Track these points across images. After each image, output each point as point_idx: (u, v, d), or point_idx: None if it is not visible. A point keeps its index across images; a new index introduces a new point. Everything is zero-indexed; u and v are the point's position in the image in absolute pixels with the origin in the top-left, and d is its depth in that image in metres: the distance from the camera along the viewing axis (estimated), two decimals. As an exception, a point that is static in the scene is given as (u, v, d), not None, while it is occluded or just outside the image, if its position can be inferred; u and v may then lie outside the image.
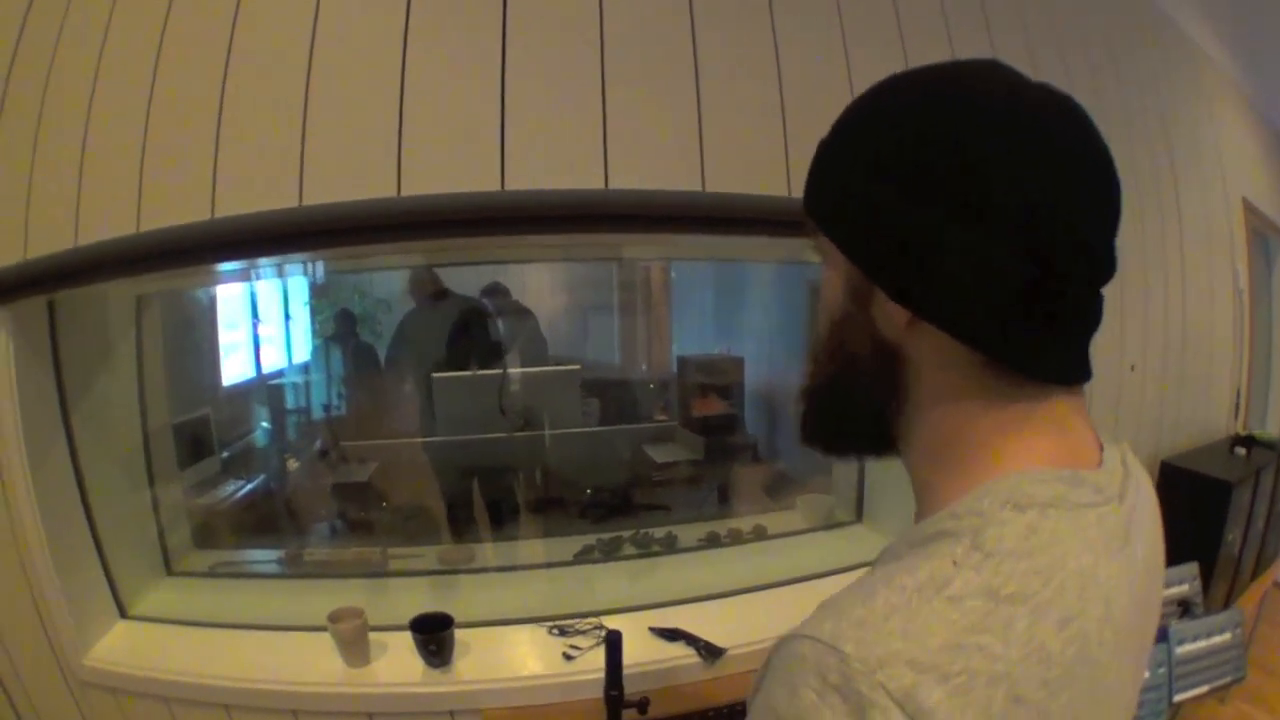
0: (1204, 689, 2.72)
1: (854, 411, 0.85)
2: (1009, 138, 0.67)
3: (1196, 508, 3.58)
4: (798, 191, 2.06)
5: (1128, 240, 3.23)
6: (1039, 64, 2.81)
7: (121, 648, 2.40)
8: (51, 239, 2.02)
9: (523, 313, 4.67)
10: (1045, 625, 0.62)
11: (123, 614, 2.55)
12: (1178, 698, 2.64)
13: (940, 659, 0.58)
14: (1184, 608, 2.91)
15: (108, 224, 1.97)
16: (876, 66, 2.23)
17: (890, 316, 0.74)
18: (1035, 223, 0.67)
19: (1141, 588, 0.76)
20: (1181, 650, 2.68)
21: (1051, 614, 0.63)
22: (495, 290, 4.78)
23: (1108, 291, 0.72)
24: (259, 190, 1.89)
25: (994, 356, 0.71)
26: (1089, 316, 0.73)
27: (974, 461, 0.73)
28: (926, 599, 0.62)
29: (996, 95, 0.70)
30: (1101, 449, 0.79)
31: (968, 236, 0.67)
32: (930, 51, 2.36)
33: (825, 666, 0.60)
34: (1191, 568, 2.97)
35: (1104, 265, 0.72)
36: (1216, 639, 2.76)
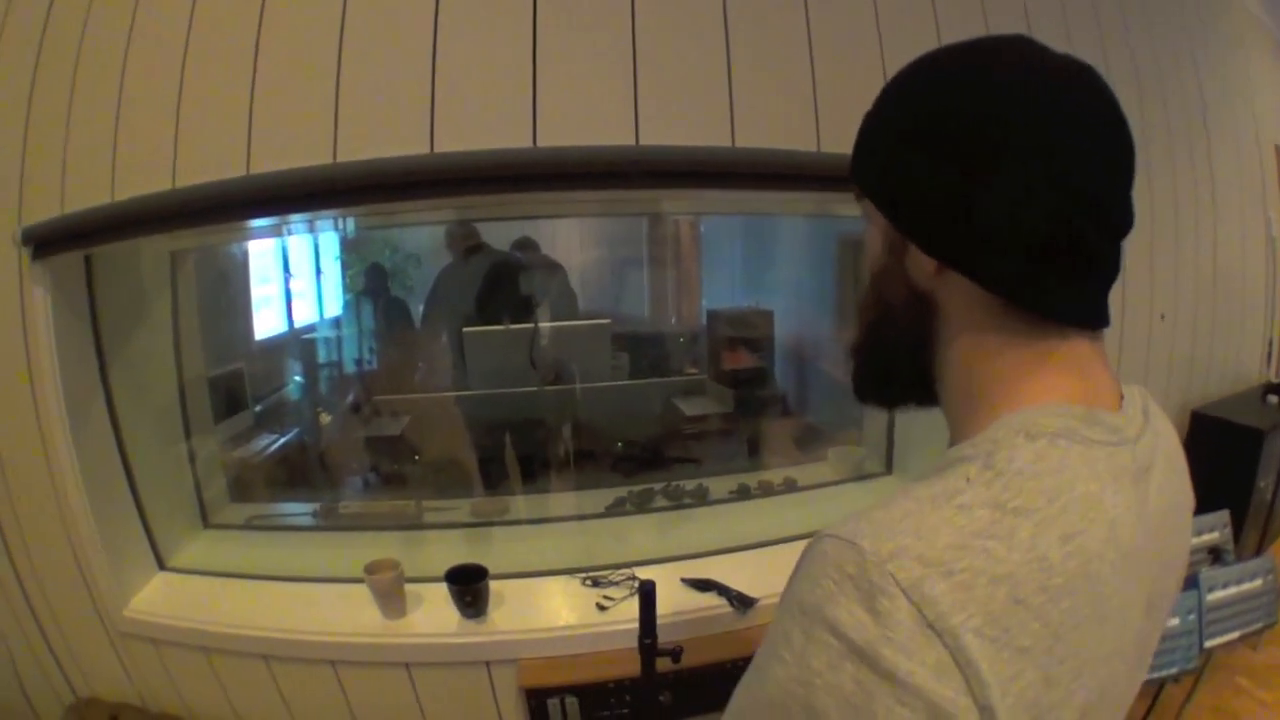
0: (1235, 635, 2.70)
1: (895, 358, 0.91)
2: (1027, 103, 0.74)
3: (1228, 455, 3.57)
4: (827, 147, 2.07)
5: (1158, 188, 3.21)
6: (1070, 12, 2.76)
7: (160, 599, 2.44)
8: (88, 194, 2.04)
9: (553, 267, 4.65)
10: (1048, 537, 0.67)
11: (161, 566, 2.59)
12: (1209, 643, 2.64)
13: (946, 556, 0.64)
14: (1215, 555, 2.89)
15: (144, 179, 1.98)
16: (906, 21, 2.22)
17: (921, 266, 0.81)
18: (1051, 179, 0.73)
19: (1157, 531, 0.80)
20: (1212, 597, 2.66)
21: (1055, 528, 0.67)
22: (525, 245, 4.75)
23: (1138, 241, 0.80)
24: (294, 147, 1.90)
25: (1013, 300, 0.77)
26: (1107, 266, 0.78)
27: (996, 399, 0.79)
28: (938, 506, 0.69)
29: (1016, 65, 0.77)
30: (1122, 396, 0.84)
31: (988, 193, 0.74)
32: (959, 3, 2.33)
33: (843, 559, 0.66)
34: (1222, 515, 2.95)
35: (1120, 218, 0.78)
36: (1247, 585, 2.74)
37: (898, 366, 0.92)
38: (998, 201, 0.74)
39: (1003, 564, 0.64)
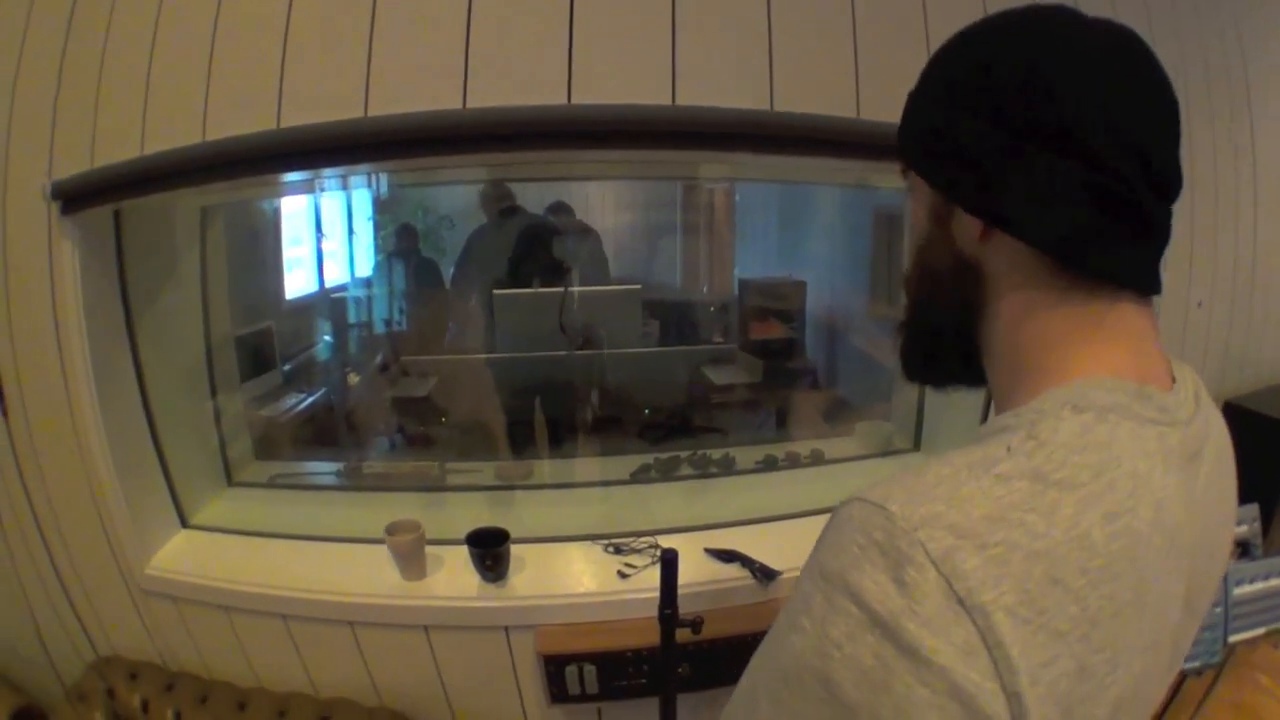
0: (1260, 630, 2.67)
1: (941, 332, 0.90)
2: (1074, 61, 0.73)
3: (1260, 449, 3.49)
4: (867, 113, 2.03)
5: (1199, 173, 3.15)
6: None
7: (182, 556, 2.45)
8: (118, 148, 2.03)
9: (586, 231, 4.63)
10: (1091, 515, 0.64)
11: (184, 523, 2.60)
12: (1233, 638, 2.61)
13: (981, 528, 0.61)
14: (1243, 548, 2.86)
15: (174, 133, 1.97)
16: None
17: (967, 230, 0.80)
18: (1102, 135, 0.71)
19: (1203, 521, 0.77)
20: (1238, 591, 2.63)
21: (1099, 505, 0.65)
22: (560, 209, 4.73)
23: (1177, 226, 0.76)
24: (324, 100, 1.88)
25: (1064, 260, 0.75)
26: (1158, 228, 0.76)
27: (1046, 368, 0.77)
28: (975, 475, 0.65)
29: (1061, 27, 0.76)
30: (1174, 377, 0.82)
31: (1037, 151, 0.73)
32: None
33: (871, 524, 0.64)
34: (1252, 509, 2.91)
35: (1169, 178, 0.76)
36: (1275, 581, 2.70)
37: (945, 341, 0.91)
38: (1047, 158, 0.73)
39: (1041, 540, 0.61)
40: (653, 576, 2.09)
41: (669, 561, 1.80)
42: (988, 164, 0.76)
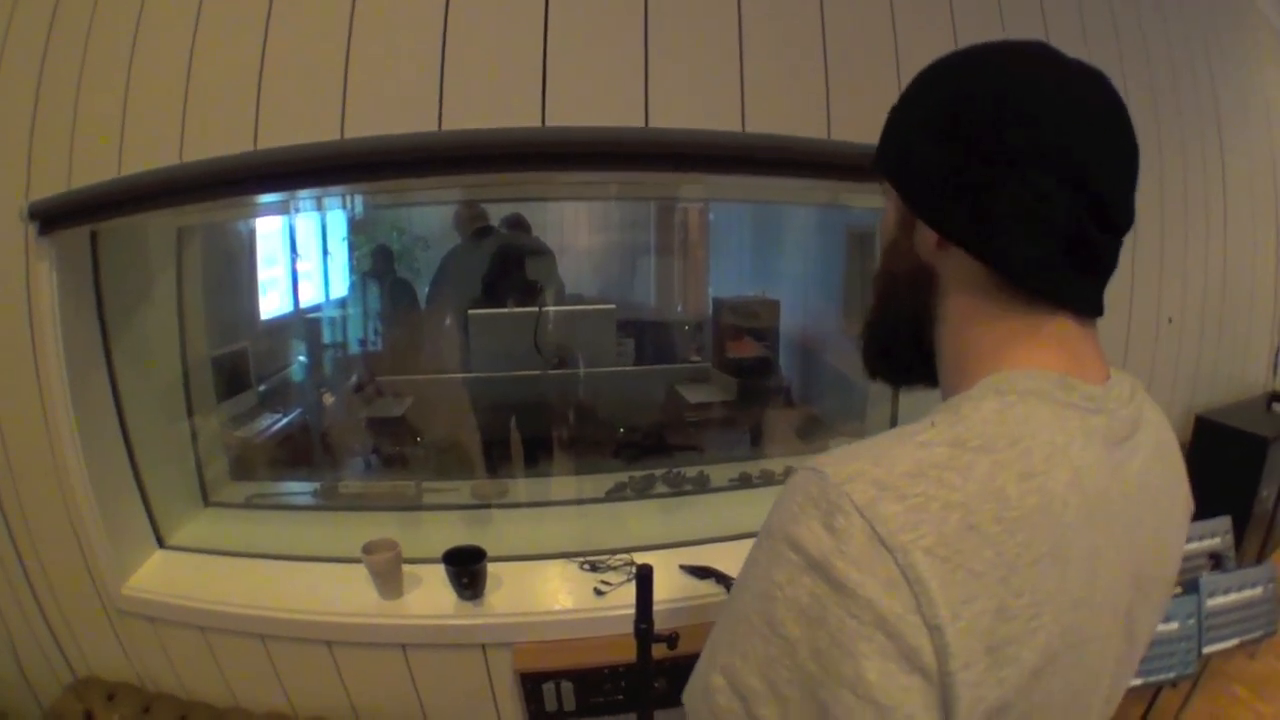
0: (1234, 642, 2.71)
1: (897, 329, 0.99)
2: (1042, 102, 0.79)
3: (1231, 463, 3.56)
4: (838, 134, 2.07)
5: (1170, 193, 3.20)
6: (1087, 14, 2.75)
7: (159, 577, 2.45)
8: (95, 169, 2.04)
9: (541, 252, 4.61)
10: (1006, 474, 0.71)
11: (161, 543, 2.60)
12: (1207, 649, 2.64)
13: (901, 482, 0.69)
14: (1215, 561, 2.89)
15: (151, 154, 1.99)
16: (920, 8, 2.21)
17: (925, 240, 0.88)
18: (1061, 175, 0.78)
19: (1141, 505, 0.84)
20: (1212, 603, 2.66)
21: (1014, 467, 0.72)
22: (516, 223, 4.69)
23: (1147, 243, 0.89)
24: (301, 122, 1.91)
25: (1016, 282, 0.82)
26: (1105, 260, 0.84)
27: (983, 364, 0.84)
28: (900, 442, 0.75)
29: (1033, 66, 0.83)
30: (1109, 377, 0.87)
31: (1000, 182, 0.80)
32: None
33: (809, 483, 0.73)
34: (1224, 521, 2.95)
35: (1121, 217, 0.82)
36: (1248, 593, 2.74)
37: (899, 338, 0.99)
38: (1008, 191, 0.79)
39: (958, 492, 0.69)
40: (628, 593, 2.10)
41: (644, 577, 1.82)
42: (953, 188, 0.83)
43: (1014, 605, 0.68)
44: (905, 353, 0.99)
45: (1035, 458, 0.73)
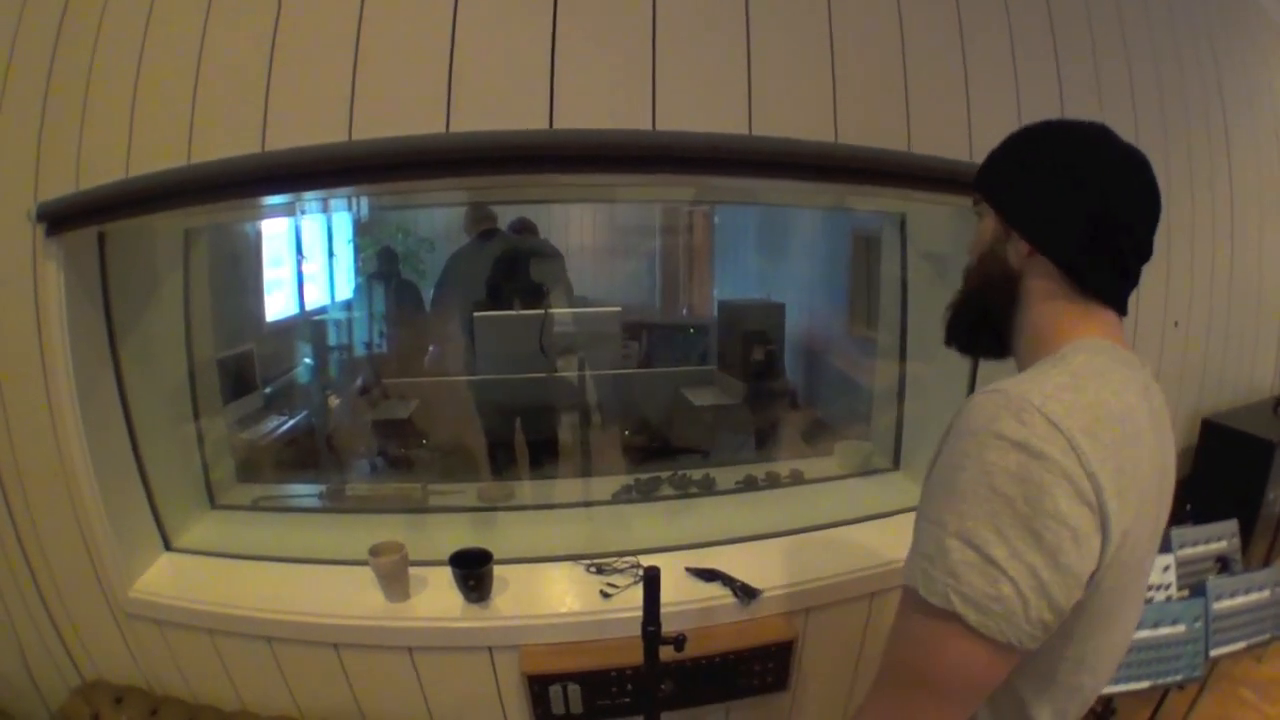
0: (1241, 645, 2.70)
1: (984, 313, 1.36)
2: (1111, 174, 1.20)
3: (1238, 466, 3.56)
4: (844, 137, 2.08)
5: (1176, 195, 3.20)
6: (1095, 20, 2.75)
7: (166, 579, 2.45)
8: (103, 170, 2.04)
9: (553, 254, 4.61)
10: (1105, 390, 1.10)
11: (167, 546, 2.60)
12: (1214, 652, 2.63)
13: (1053, 393, 1.06)
14: (1222, 564, 2.88)
15: (159, 156, 1.99)
16: (926, 17, 2.22)
17: (1018, 250, 1.27)
18: (1116, 218, 1.19)
19: (1158, 433, 1.20)
20: (1219, 606, 2.65)
21: (1108, 387, 1.10)
22: (524, 227, 4.70)
23: (1156, 250, 1.25)
24: (309, 124, 1.91)
25: (1077, 280, 1.23)
26: (1132, 276, 1.25)
27: (1060, 335, 1.23)
28: (1036, 376, 1.12)
29: (1108, 152, 1.23)
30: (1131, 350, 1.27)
31: (1080, 217, 1.20)
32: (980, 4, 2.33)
33: (996, 400, 1.07)
34: (1231, 525, 2.94)
35: (1147, 248, 1.23)
36: (1255, 596, 2.73)
37: (985, 319, 1.36)
38: (1084, 222, 1.19)
39: (1085, 396, 1.07)
40: (635, 596, 2.11)
41: (652, 579, 1.82)
42: (1051, 218, 1.23)
43: (1125, 468, 1.05)
44: (987, 330, 1.37)
45: (1115, 383, 1.12)
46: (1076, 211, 1.20)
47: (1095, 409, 1.06)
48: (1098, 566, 1.05)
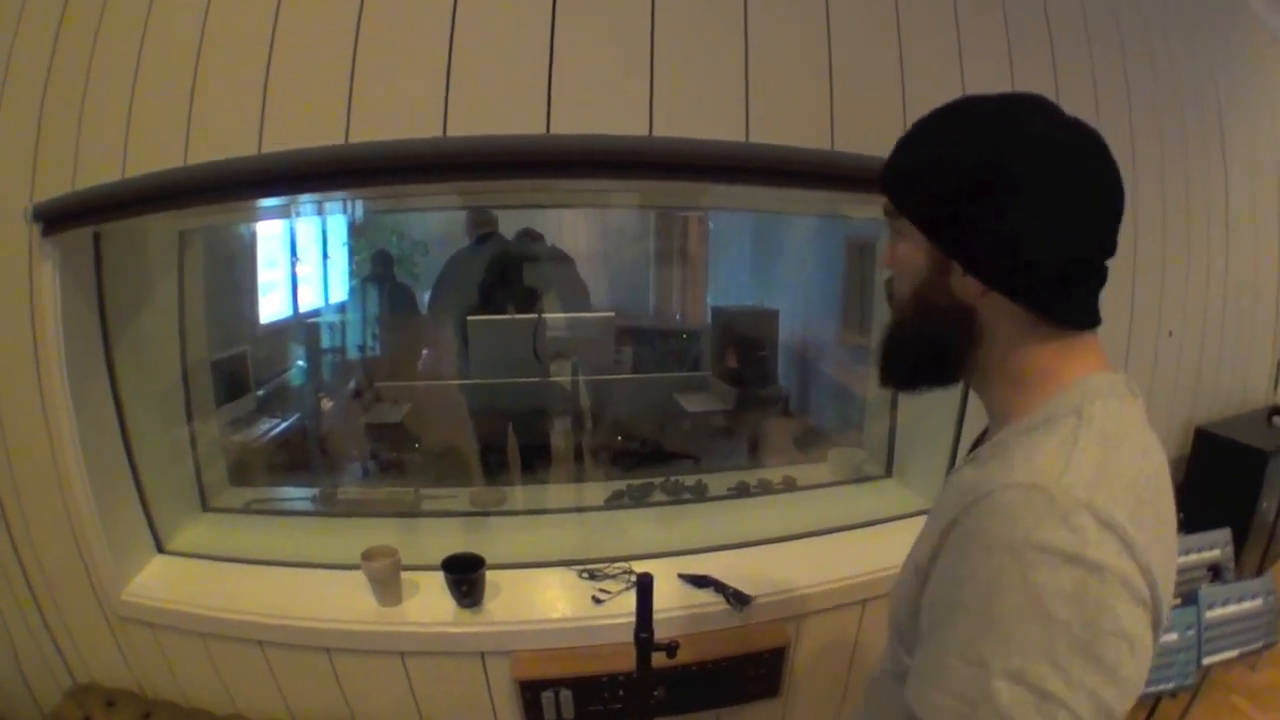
0: (1234, 653, 2.70)
1: (925, 351, 1.17)
2: (1056, 164, 1.00)
3: (1231, 475, 3.57)
4: (841, 145, 2.08)
5: (1171, 203, 3.20)
6: (1092, 27, 2.75)
7: (158, 582, 2.45)
8: (99, 171, 2.04)
9: (561, 258, 4.62)
10: (1134, 453, 0.99)
11: (160, 549, 2.60)
12: (1207, 660, 2.63)
13: (1095, 479, 0.92)
14: (1215, 572, 2.89)
15: (155, 157, 1.99)
16: (926, 22, 2.22)
17: (966, 286, 1.06)
18: (1075, 223, 1.01)
19: (1163, 460, 1.08)
20: (1211, 614, 2.66)
21: (1136, 448, 1.00)
22: (529, 235, 4.70)
23: (1149, 257, 1.03)
24: (306, 127, 1.91)
25: (1044, 315, 1.05)
26: (1100, 280, 1.08)
27: (1049, 376, 1.07)
28: (1064, 449, 0.97)
29: (1042, 127, 1.03)
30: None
31: (1028, 235, 1.00)
32: (979, 7, 2.34)
33: (1034, 500, 0.92)
34: (1224, 533, 2.95)
35: (1112, 245, 1.06)
36: (1248, 604, 2.74)
37: (928, 356, 1.17)
38: (1036, 242, 1.00)
39: (1124, 475, 0.95)
40: (627, 602, 2.10)
41: (644, 585, 1.82)
42: (991, 242, 1.02)
43: (1165, 541, 0.97)
44: (934, 367, 1.17)
45: (1139, 440, 1.02)
46: (1036, 234, 1.00)
47: (1135, 486, 0.94)
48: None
